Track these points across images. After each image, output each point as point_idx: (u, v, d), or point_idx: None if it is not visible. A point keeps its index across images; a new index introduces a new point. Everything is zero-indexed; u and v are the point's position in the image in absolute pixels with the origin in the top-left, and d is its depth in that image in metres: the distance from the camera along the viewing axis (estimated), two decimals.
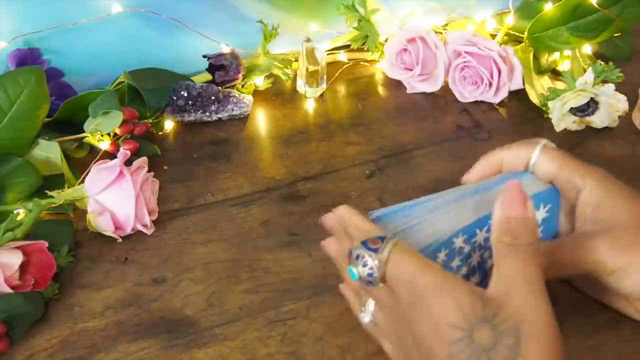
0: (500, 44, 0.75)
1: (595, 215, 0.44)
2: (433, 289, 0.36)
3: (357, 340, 0.52)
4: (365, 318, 0.45)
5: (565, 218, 0.48)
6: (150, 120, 0.70)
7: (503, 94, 0.74)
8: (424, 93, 0.78)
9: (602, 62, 0.70)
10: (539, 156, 0.46)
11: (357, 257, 0.39)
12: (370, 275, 0.39)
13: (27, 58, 0.67)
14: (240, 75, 0.74)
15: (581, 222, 0.46)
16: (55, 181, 0.62)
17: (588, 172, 0.45)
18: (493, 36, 0.80)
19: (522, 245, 0.38)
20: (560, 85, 0.74)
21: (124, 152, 0.59)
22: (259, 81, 0.77)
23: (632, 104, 0.71)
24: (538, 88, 0.75)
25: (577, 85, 0.68)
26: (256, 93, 0.76)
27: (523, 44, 0.77)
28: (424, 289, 0.37)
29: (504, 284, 0.37)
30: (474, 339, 0.35)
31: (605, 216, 0.44)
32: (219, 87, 0.73)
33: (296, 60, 0.78)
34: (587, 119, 0.69)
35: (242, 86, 0.75)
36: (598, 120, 0.69)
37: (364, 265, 0.39)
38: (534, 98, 0.74)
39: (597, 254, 0.43)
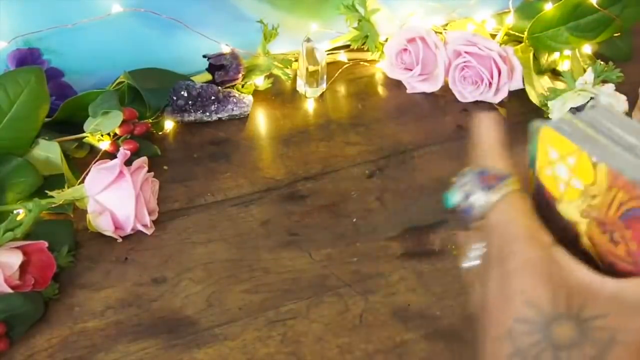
0: (500, 44, 0.75)
1: None
2: (533, 262, 0.30)
3: (357, 340, 0.52)
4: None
5: None
6: (150, 120, 0.70)
7: (503, 94, 0.74)
8: (424, 93, 0.78)
9: (602, 62, 0.70)
10: None
11: (466, 183, 0.34)
12: (469, 204, 0.33)
13: (27, 58, 0.67)
14: (240, 75, 0.74)
15: None
16: (55, 181, 0.62)
17: None
18: (493, 36, 0.80)
19: None
20: (560, 85, 0.74)
21: (124, 152, 0.59)
22: (259, 81, 0.77)
23: (632, 104, 0.71)
24: (538, 88, 0.75)
25: (577, 85, 0.68)
26: (256, 93, 0.76)
27: (523, 44, 0.77)
28: (517, 248, 0.30)
29: (631, 286, 0.29)
30: (550, 329, 0.29)
31: None
32: (219, 87, 0.73)
33: (296, 60, 0.78)
34: None
35: (242, 86, 0.75)
36: None
37: (467, 194, 0.34)
38: (534, 98, 0.74)
39: None
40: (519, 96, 0.75)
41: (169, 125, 0.72)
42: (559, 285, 0.29)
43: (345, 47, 0.81)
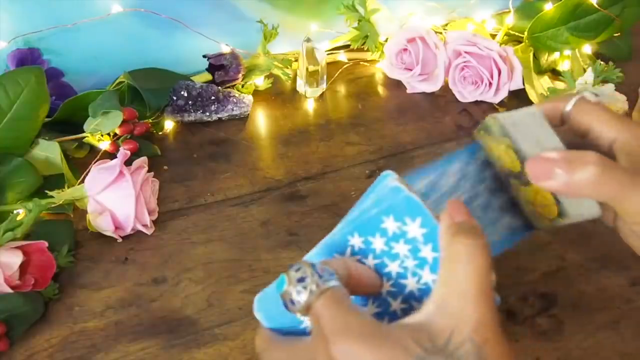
0: (500, 44, 0.75)
1: (632, 162, 0.39)
2: (364, 339, 0.31)
3: None
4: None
5: None
6: (150, 120, 0.70)
7: (503, 94, 0.74)
8: (424, 93, 0.78)
9: (602, 62, 0.70)
10: (573, 107, 0.42)
11: (300, 277, 0.34)
12: (292, 300, 0.33)
13: (27, 58, 0.67)
14: (240, 75, 0.74)
15: None
16: (55, 181, 0.62)
17: (623, 125, 0.40)
18: (493, 36, 0.80)
19: (478, 246, 0.33)
20: (560, 85, 0.74)
21: (124, 152, 0.59)
22: (259, 81, 0.77)
23: (632, 104, 0.71)
24: (538, 88, 0.75)
25: (577, 85, 0.68)
26: (256, 93, 0.76)
27: (523, 44, 0.77)
28: (353, 340, 0.31)
29: (453, 297, 0.32)
30: None
31: None
32: (219, 87, 0.73)
33: (296, 60, 0.78)
34: None
35: (242, 86, 0.75)
36: None
37: (298, 280, 0.33)
38: (534, 98, 0.74)
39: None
40: (519, 96, 0.75)
41: (169, 125, 0.72)
42: (403, 339, 0.31)
43: (345, 47, 0.81)
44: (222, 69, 0.73)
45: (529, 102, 0.74)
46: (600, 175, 0.35)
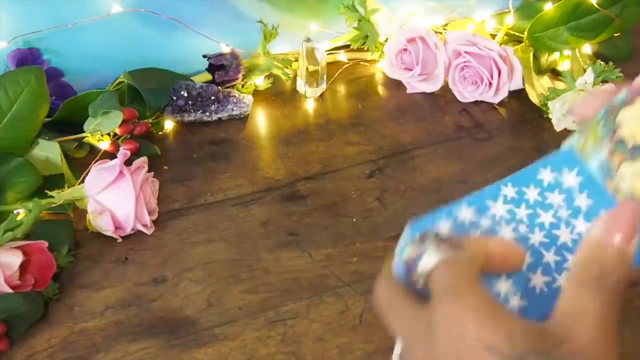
0: (500, 44, 0.75)
1: None
2: (478, 311, 0.30)
3: (357, 340, 0.52)
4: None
5: None
6: (150, 120, 0.70)
7: (503, 94, 0.74)
8: (424, 93, 0.78)
9: (602, 62, 0.70)
10: None
11: (419, 239, 0.33)
12: (417, 260, 0.32)
13: (27, 58, 0.67)
14: (240, 75, 0.74)
15: None
16: (55, 181, 0.62)
17: None
18: (493, 36, 0.80)
19: (609, 282, 0.30)
20: (560, 85, 0.74)
21: (124, 152, 0.59)
22: (259, 81, 0.77)
23: None
24: (538, 88, 0.75)
25: (577, 85, 0.68)
26: (256, 93, 0.76)
27: (523, 44, 0.77)
28: (466, 307, 0.30)
29: (573, 320, 0.30)
30: None
31: None
32: (219, 87, 0.73)
33: (296, 60, 0.78)
34: None
35: (242, 86, 0.75)
36: None
37: (419, 242, 0.33)
38: (534, 98, 0.74)
39: None
40: (519, 96, 0.76)
41: (169, 125, 0.72)
42: (512, 324, 0.29)
43: (345, 47, 0.81)
44: (222, 69, 0.73)
45: (529, 102, 0.74)
46: None
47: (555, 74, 0.78)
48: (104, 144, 0.64)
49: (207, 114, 0.72)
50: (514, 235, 0.36)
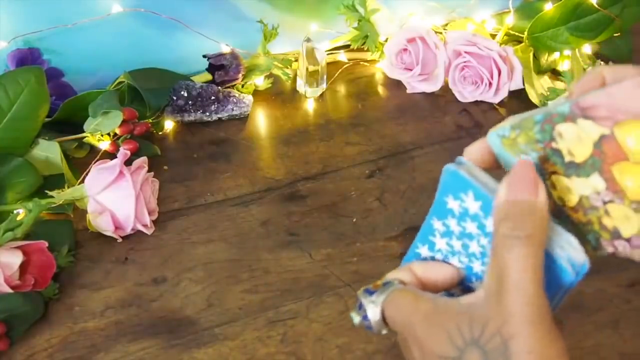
0: (500, 44, 0.75)
1: None
2: (425, 322, 0.33)
3: (357, 340, 0.52)
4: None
5: None
6: (150, 120, 0.70)
7: (503, 94, 0.74)
8: (424, 93, 0.78)
9: (602, 62, 0.70)
10: None
11: (359, 304, 0.37)
12: (365, 318, 0.36)
13: (27, 58, 0.67)
14: (240, 75, 0.74)
15: None
16: (55, 181, 0.62)
17: None
18: (493, 36, 0.80)
19: (521, 237, 0.31)
20: (560, 85, 0.74)
21: (124, 152, 0.59)
22: (259, 81, 0.77)
23: None
24: (538, 88, 0.75)
25: None
26: (256, 93, 0.76)
27: (523, 44, 0.77)
28: (418, 325, 0.33)
29: (496, 285, 0.31)
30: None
31: None
32: (219, 87, 0.73)
33: (296, 60, 0.78)
34: None
35: (242, 86, 0.75)
36: None
37: (360, 308, 0.36)
38: (534, 98, 0.74)
39: None
40: (519, 96, 0.75)
41: (169, 125, 0.72)
42: (449, 323, 0.32)
43: (345, 47, 0.81)
44: (222, 69, 0.73)
45: (529, 102, 0.74)
46: None
47: (555, 74, 0.79)
48: (104, 144, 0.64)
49: (207, 114, 0.72)
50: (462, 266, 0.37)
